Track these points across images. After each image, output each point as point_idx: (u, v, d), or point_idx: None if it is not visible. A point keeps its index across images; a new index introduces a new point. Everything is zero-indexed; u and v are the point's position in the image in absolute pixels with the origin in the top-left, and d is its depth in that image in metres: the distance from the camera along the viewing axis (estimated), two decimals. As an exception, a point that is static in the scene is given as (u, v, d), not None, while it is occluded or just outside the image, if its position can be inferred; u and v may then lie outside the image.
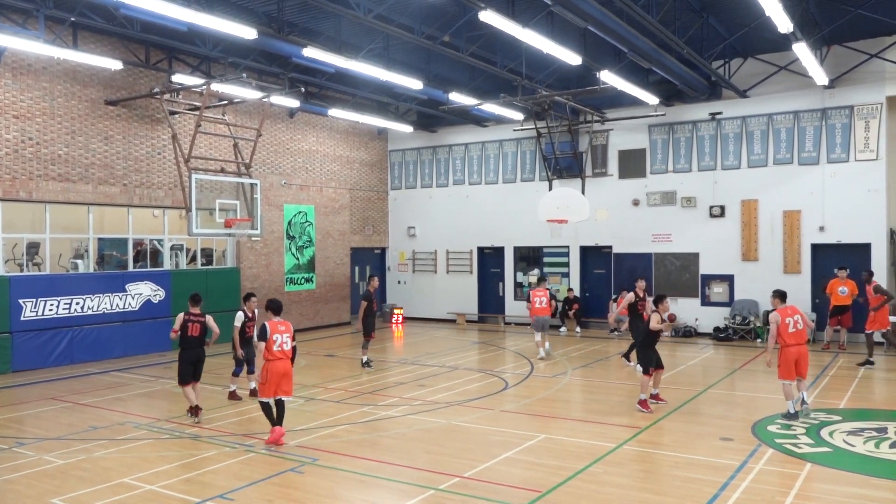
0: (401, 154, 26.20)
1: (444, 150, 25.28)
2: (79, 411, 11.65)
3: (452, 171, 25.05)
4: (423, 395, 12.56)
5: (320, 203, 23.44)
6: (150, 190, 18.23)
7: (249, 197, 17.03)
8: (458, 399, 12.22)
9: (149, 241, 19.01)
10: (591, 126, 21.42)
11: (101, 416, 11.23)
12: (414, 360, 16.38)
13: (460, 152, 24.91)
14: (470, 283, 24.56)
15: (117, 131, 17.56)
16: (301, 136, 22.84)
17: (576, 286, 22.52)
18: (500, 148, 24.06)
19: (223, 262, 20.72)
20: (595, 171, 22.05)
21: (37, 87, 15.97)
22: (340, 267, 24.24)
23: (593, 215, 20.82)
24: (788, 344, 10.24)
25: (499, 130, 24.01)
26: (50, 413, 11.57)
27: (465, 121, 23.86)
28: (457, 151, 24.99)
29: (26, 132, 15.81)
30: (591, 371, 14.94)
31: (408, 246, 25.98)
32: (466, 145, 24.75)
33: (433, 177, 25.47)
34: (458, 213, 24.70)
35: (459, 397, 12.38)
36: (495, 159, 24.15)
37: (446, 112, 20.70)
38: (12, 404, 12.32)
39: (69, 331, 16.22)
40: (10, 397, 12.96)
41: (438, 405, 11.77)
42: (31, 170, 15.85)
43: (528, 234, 23.05)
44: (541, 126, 20.76)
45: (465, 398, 12.29)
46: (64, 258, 17.84)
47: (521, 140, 23.57)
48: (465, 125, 24.43)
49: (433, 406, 11.72)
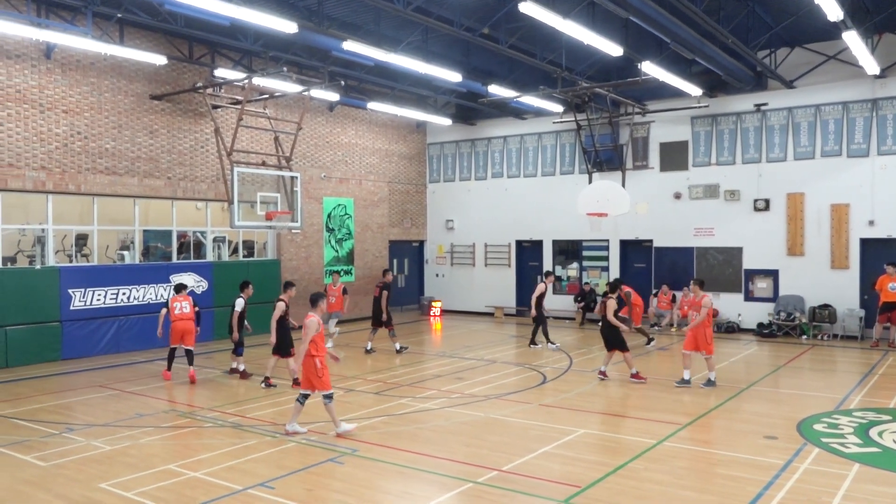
0: (439, 147, 26.21)
1: (482, 143, 25.22)
2: (125, 399, 11.95)
3: (491, 164, 24.98)
4: (462, 388, 12.57)
5: (359, 196, 23.59)
6: (193, 183, 18.55)
7: (290, 190, 17.23)
8: (496, 392, 12.20)
9: (192, 233, 19.36)
10: (631, 118, 21.15)
11: (146, 404, 11.50)
12: (452, 353, 16.40)
13: (499, 145, 24.82)
14: (508, 277, 24.49)
15: (162, 125, 17.90)
16: (340, 130, 23.00)
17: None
18: (540, 140, 23.91)
19: (264, 254, 21.01)
20: (636, 163, 21.78)
21: (85, 82, 16.35)
22: (379, 260, 24.38)
23: (633, 209, 20.56)
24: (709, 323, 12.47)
25: (538, 123, 23.85)
26: (98, 400, 11.89)
27: (503, 113, 23.76)
28: (495, 144, 24.91)
29: (75, 126, 16.21)
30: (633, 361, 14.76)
31: (446, 239, 26.01)
32: (505, 138, 24.65)
33: (472, 170, 25.43)
34: (497, 207, 24.63)
35: (497, 391, 12.36)
36: (534, 152, 24.00)
37: (485, 105, 20.63)
38: (62, 391, 12.69)
39: (116, 320, 16.62)
40: (60, 384, 13.35)
41: (476, 398, 11.77)
42: (79, 163, 16.25)
43: (568, 227, 22.88)
44: (581, 118, 20.56)
45: (503, 392, 12.27)
46: (111, 249, 18.28)
47: (560, 132, 23.38)
48: (504, 118, 24.33)
49: (471, 399, 11.72)
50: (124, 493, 7.38)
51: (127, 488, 7.54)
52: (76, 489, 7.57)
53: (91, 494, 7.40)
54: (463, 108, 24.53)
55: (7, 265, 15.58)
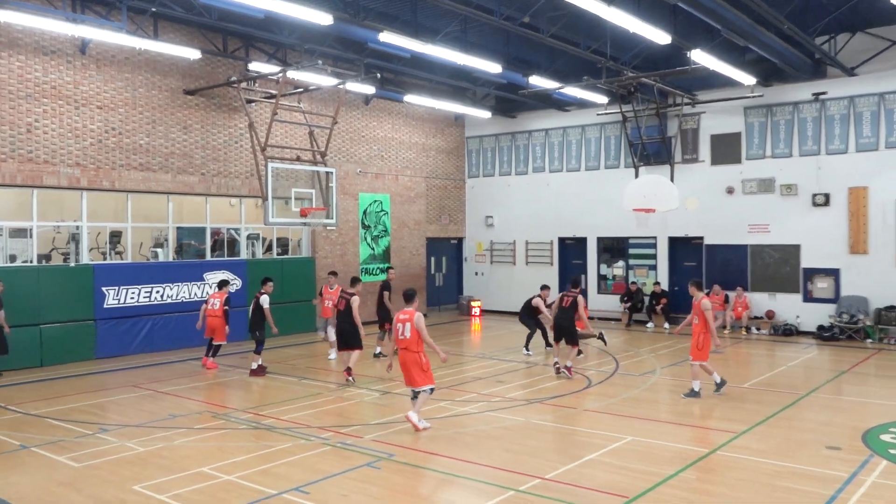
0: (478, 141, 26.13)
1: (523, 136, 25.07)
2: (159, 399, 12.13)
3: (532, 157, 24.81)
4: (502, 392, 12.50)
5: (396, 192, 23.64)
6: (227, 179, 18.78)
7: (325, 186, 17.33)
8: (539, 396, 12.11)
9: (226, 230, 19.59)
10: (680, 109, 20.80)
11: (180, 405, 11.66)
12: (492, 355, 16.33)
13: (540, 138, 24.65)
14: (550, 276, 24.30)
15: (195, 120, 18.14)
16: (376, 124, 23.07)
17: (664, 280, 21.97)
18: (583, 133, 23.68)
19: (298, 251, 21.18)
20: (685, 157, 21.42)
21: (119, 77, 16.65)
22: (416, 257, 24.41)
23: (683, 204, 20.22)
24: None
25: (581, 115, 23.62)
26: (131, 400, 12.10)
27: (545, 105, 23.58)
28: (537, 137, 24.74)
29: (109, 122, 16.51)
30: (681, 370, 14.53)
31: (485, 236, 25.93)
32: (547, 131, 24.47)
33: (512, 164, 25.31)
34: (538, 202, 24.47)
35: (539, 394, 12.27)
36: (577, 145, 23.78)
37: (526, 96, 20.48)
38: (96, 390, 12.95)
39: (150, 319, 16.91)
40: (93, 384, 13.62)
41: (517, 402, 11.70)
42: (113, 159, 16.55)
43: (613, 224, 22.63)
44: (626, 110, 20.29)
45: (546, 395, 12.17)
46: (144, 247, 18.59)
47: (605, 125, 23.12)
48: (546, 110, 24.14)
49: (512, 403, 11.65)
50: (158, 496, 7.47)
51: (160, 490, 7.63)
52: (109, 490, 7.68)
53: (124, 496, 7.50)
54: (503, 101, 24.40)
55: (42, 263, 15.95)
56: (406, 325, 9.94)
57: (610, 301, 22.94)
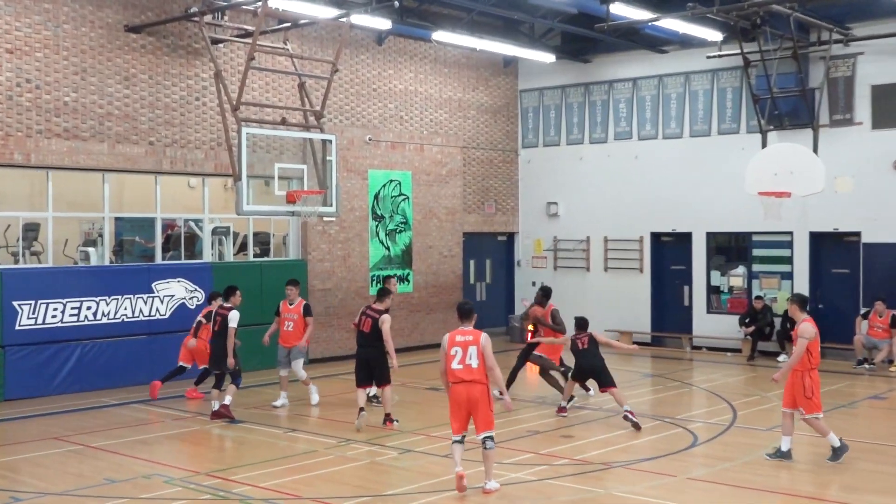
0: (537, 95, 26.09)
1: (601, 89, 24.97)
2: (91, 457, 12.30)
3: (614, 119, 24.70)
4: (570, 452, 12.47)
5: (420, 168, 23.73)
6: (184, 150, 19.02)
7: (321, 159, 17.44)
8: (622, 459, 12.08)
9: (183, 221, 19.83)
10: (828, 49, 20.57)
11: (119, 466, 11.80)
12: (556, 400, 16.32)
13: (626, 91, 24.54)
14: (640, 287, 24.18)
15: (141, 69, 18.41)
16: (393, 72, 23.18)
17: (803, 293, 21.69)
18: (687, 84, 23.52)
19: (284, 252, 21.37)
20: (834, 117, 21.20)
21: (36, 9, 16.95)
22: (448, 260, 24.45)
23: (831, 185, 20.01)
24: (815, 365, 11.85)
25: (685, 58, 23.47)
26: (53, 458, 12.28)
27: (633, 45, 23.46)
28: (621, 90, 24.64)
29: (23, 72, 16.82)
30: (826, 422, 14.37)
31: (547, 230, 25.89)
32: (635, 81, 24.36)
33: (585, 128, 25.22)
34: (623, 182, 24.36)
35: (623, 456, 12.24)
36: (679, 101, 23.63)
37: (606, 32, 20.40)
38: (5, 444, 13.17)
39: (77, 345, 17.18)
40: (2, 435, 13.85)
41: (593, 466, 11.67)
42: (28, 123, 16.86)
43: (729, 213, 22.45)
44: (750, 51, 20.12)
45: (633, 457, 12.14)
46: (71, 245, 18.89)
47: (718, 72, 22.95)
48: (634, 51, 24.02)
49: (584, 468, 11.62)
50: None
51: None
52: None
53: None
54: (572, 38, 24.32)
55: (-69, 267, 16.29)
56: (470, 349, 10.28)
57: (725, 323, 22.75)
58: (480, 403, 10.25)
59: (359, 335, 14.30)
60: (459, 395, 10.28)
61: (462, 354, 10.27)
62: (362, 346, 14.22)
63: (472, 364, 10.24)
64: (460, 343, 10.35)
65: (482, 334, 10.40)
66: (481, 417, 10.28)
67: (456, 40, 21.96)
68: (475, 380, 10.22)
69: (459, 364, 10.27)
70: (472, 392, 10.22)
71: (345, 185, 21.43)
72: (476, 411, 10.28)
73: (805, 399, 11.67)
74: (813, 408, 11.70)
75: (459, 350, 10.30)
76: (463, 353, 10.27)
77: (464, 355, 10.26)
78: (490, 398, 10.41)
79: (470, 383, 10.22)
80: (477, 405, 10.24)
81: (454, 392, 10.33)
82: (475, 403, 10.24)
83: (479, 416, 10.28)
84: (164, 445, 13.22)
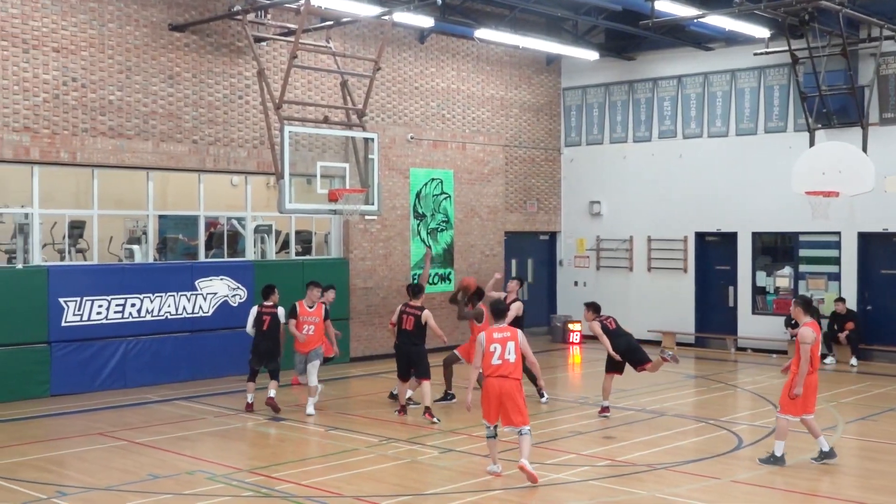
0: (580, 93, 26.02)
1: (645, 87, 24.87)
2: (134, 453, 12.48)
3: (658, 117, 24.59)
4: (612, 453, 12.47)
5: (462, 166, 23.75)
6: (227, 149, 19.18)
7: (363, 158, 17.50)
8: (666, 461, 12.04)
9: (226, 220, 19.99)
10: (878, 46, 20.33)
11: (162, 462, 11.97)
12: (598, 400, 16.27)
13: (670, 89, 24.41)
14: (684, 287, 24.06)
15: (185, 67, 18.59)
16: (435, 70, 23.21)
17: (850, 294, 21.50)
18: (733, 82, 23.35)
19: (325, 250, 21.48)
20: (884, 115, 20.98)
21: (82, 8, 17.17)
22: (490, 259, 24.45)
23: (880, 184, 19.78)
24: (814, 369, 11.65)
25: (731, 55, 23.30)
26: (97, 454, 12.48)
27: (678, 42, 23.32)
28: (665, 88, 24.51)
29: (69, 71, 17.06)
30: (874, 427, 14.24)
31: (589, 230, 25.82)
32: (680, 78, 24.23)
33: (629, 126, 25.13)
34: (667, 181, 24.24)
35: (667, 458, 12.20)
36: (725, 99, 23.47)
37: (650, 29, 20.28)
38: (51, 439, 13.41)
39: (122, 342, 17.41)
40: (48, 429, 14.12)
41: (636, 468, 11.65)
42: (74, 122, 17.10)
43: (776, 213, 22.27)
44: (798, 47, 19.93)
45: (677, 460, 12.10)
46: (115, 243, 19.12)
47: (765, 69, 22.77)
48: (679, 48, 23.88)
49: (627, 469, 11.61)
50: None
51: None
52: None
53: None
54: (616, 35, 24.23)
55: (-21, 264, 16.59)
56: (508, 345, 10.92)
57: (770, 325, 22.58)
58: (515, 397, 10.83)
59: (401, 333, 14.68)
60: (494, 388, 10.85)
61: (501, 350, 10.89)
62: (404, 344, 14.65)
63: (510, 359, 10.90)
64: (499, 340, 10.94)
65: (518, 331, 11.18)
66: (516, 411, 10.84)
67: (499, 38, 21.94)
68: (511, 374, 10.87)
69: (499, 360, 10.86)
70: (506, 386, 10.82)
71: (386, 183, 21.49)
72: (510, 405, 10.81)
73: (786, 398, 11.69)
74: (788, 409, 11.66)
75: (498, 346, 10.90)
76: (502, 349, 10.89)
77: (502, 351, 10.89)
78: (523, 393, 11.01)
79: (506, 378, 10.84)
80: (512, 398, 10.80)
81: (489, 385, 10.91)
82: (509, 396, 10.80)
83: (513, 409, 10.82)
84: (207, 442, 13.36)
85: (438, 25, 21.35)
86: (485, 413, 11.07)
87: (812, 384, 11.71)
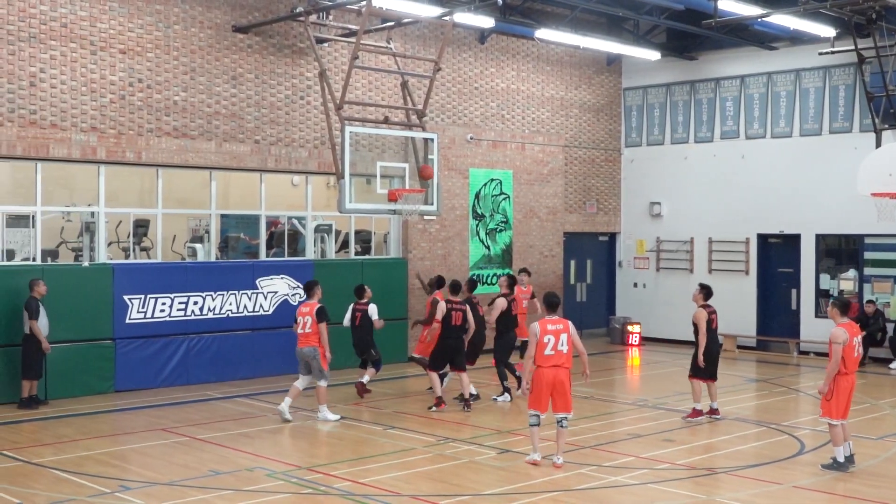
0: (641, 93, 25.90)
1: (707, 87, 24.68)
2: (196, 449, 12.70)
3: (721, 118, 24.38)
4: (671, 456, 12.41)
5: (521, 167, 23.73)
6: (289, 149, 19.40)
7: (423, 158, 17.59)
8: (726, 465, 11.98)
9: (286, 219, 20.23)
10: (948, 44, 19.96)
11: (224, 458, 12.16)
12: (657, 403, 16.17)
13: (733, 89, 24.19)
14: (746, 290, 23.83)
15: (248, 68, 18.83)
16: (495, 70, 23.23)
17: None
18: (798, 82, 23.08)
19: (384, 250, 21.61)
20: (954, 115, 20.56)
21: (148, 10, 17.50)
22: (549, 260, 24.42)
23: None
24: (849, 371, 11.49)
25: (795, 55, 23.04)
26: (160, 449, 12.72)
27: (741, 41, 23.09)
28: (728, 88, 24.30)
29: (135, 72, 17.39)
30: None
31: (650, 231, 25.68)
32: (743, 78, 24.01)
33: (690, 127, 24.94)
34: (729, 183, 24.03)
35: (727, 462, 12.14)
36: (789, 99, 23.20)
37: (713, 29, 20.12)
38: (115, 434, 13.70)
39: (184, 339, 17.70)
40: (112, 425, 14.41)
41: (695, 472, 11.60)
42: (140, 122, 17.42)
43: (841, 215, 21.99)
44: (865, 46, 19.66)
45: (737, 464, 12.00)
46: (179, 241, 19.45)
47: (830, 69, 22.47)
48: (742, 48, 23.66)
49: (686, 473, 11.56)
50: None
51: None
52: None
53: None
54: (678, 35, 24.06)
55: (47, 261, 16.95)
56: (561, 336, 11.46)
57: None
58: (565, 385, 11.48)
59: (450, 329, 15.24)
60: (546, 378, 11.40)
61: (555, 341, 11.42)
62: (450, 338, 15.28)
63: (563, 350, 11.47)
64: (552, 332, 11.46)
65: (569, 322, 11.72)
66: (564, 399, 11.50)
67: (559, 38, 21.90)
68: (563, 364, 11.47)
69: (552, 350, 11.40)
70: (559, 375, 11.43)
71: (446, 183, 21.56)
72: (560, 393, 11.46)
73: (824, 401, 11.61)
74: (829, 411, 11.51)
75: (552, 338, 11.42)
76: (555, 340, 11.42)
77: (556, 342, 11.42)
78: (571, 382, 11.66)
79: (559, 367, 11.43)
80: (562, 387, 11.46)
81: (541, 375, 11.45)
82: (560, 385, 11.44)
83: (562, 397, 11.48)
84: (266, 439, 13.53)
85: (499, 26, 21.39)
86: (534, 401, 11.59)
87: (845, 387, 11.52)
